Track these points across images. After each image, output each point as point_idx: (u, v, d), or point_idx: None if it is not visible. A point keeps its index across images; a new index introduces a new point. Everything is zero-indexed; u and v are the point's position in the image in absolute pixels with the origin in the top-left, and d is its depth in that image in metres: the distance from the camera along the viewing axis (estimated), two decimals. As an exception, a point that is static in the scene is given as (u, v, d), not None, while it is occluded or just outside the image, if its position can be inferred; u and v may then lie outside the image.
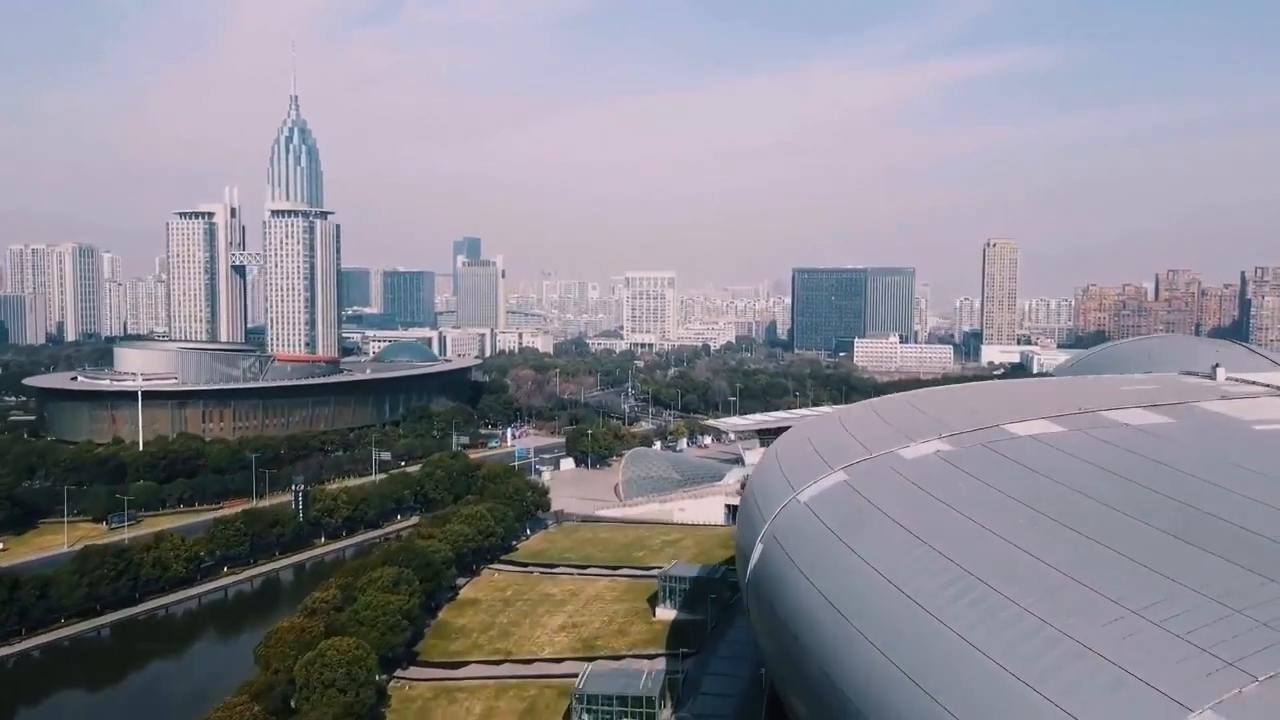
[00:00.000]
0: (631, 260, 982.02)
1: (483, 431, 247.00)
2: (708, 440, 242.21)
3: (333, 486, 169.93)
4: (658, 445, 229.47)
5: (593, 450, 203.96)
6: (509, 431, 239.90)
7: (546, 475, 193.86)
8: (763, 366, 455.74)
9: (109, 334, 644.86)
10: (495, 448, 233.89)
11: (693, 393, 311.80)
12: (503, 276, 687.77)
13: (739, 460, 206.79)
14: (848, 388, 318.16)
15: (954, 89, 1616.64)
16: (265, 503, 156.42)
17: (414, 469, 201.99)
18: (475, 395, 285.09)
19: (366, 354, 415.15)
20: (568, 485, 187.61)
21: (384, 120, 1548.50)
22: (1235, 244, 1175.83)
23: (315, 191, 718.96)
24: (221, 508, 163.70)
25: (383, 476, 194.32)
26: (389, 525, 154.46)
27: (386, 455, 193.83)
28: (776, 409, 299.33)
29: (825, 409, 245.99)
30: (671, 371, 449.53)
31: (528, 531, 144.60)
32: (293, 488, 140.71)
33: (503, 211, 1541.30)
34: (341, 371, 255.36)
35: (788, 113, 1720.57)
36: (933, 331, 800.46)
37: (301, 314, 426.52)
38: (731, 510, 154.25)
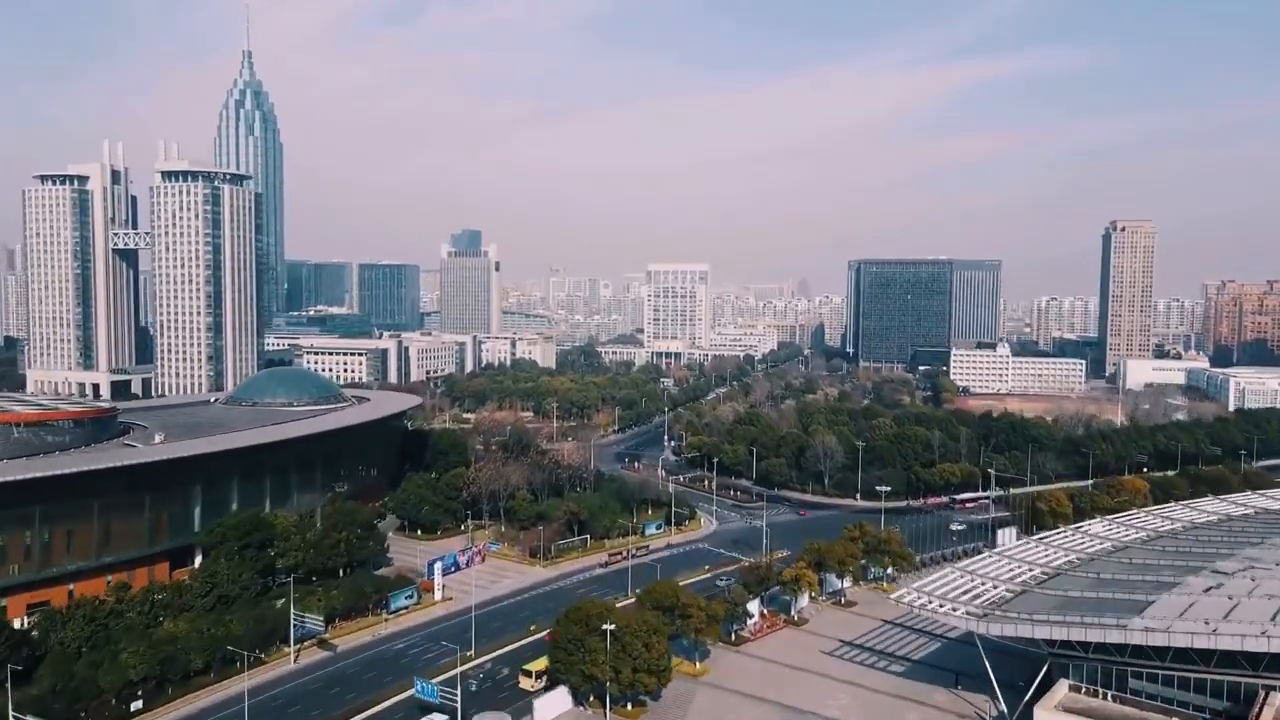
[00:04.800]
0: (643, 261, 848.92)
1: (395, 560, 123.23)
2: (846, 585, 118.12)
3: None
4: (756, 611, 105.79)
5: (618, 682, 79.96)
6: (437, 566, 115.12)
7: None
8: (842, 389, 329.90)
9: (12, 335, 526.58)
10: (409, 610, 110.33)
11: (776, 454, 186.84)
12: (496, 269, 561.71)
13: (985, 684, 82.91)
14: (1030, 442, 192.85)
15: (968, 92, 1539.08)
16: None
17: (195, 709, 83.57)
18: (409, 461, 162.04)
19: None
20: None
21: (393, 122, 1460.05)
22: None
23: (272, 167, 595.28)
24: None
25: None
26: None
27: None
28: (929, 485, 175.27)
29: (1085, 535, 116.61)
30: (712, 396, 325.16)
31: None
32: None
33: (514, 213, 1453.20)
34: (127, 433, 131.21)
35: (806, 115, 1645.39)
36: (1006, 337, 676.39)
37: (203, 316, 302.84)
38: None
